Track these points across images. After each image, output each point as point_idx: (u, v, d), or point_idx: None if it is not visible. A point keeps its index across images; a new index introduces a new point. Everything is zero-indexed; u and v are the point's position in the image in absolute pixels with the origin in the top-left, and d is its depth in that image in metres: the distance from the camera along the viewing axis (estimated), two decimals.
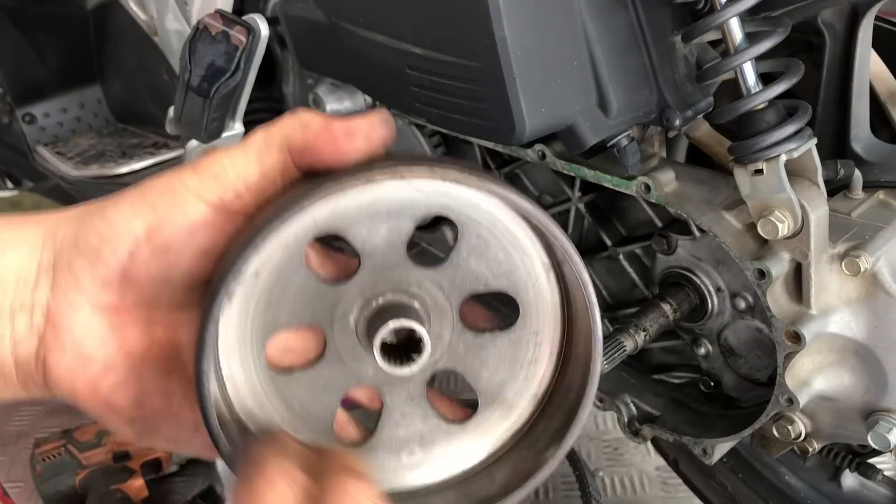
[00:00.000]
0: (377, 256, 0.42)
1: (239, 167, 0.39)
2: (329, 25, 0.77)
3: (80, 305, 0.39)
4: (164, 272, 0.40)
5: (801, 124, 0.60)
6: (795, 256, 0.63)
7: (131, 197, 0.40)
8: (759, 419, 0.69)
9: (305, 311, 0.43)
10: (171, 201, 0.39)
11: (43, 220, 0.42)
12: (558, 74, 0.62)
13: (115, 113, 1.57)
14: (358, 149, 0.40)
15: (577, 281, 0.41)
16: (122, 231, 0.39)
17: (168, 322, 0.42)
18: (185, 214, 0.39)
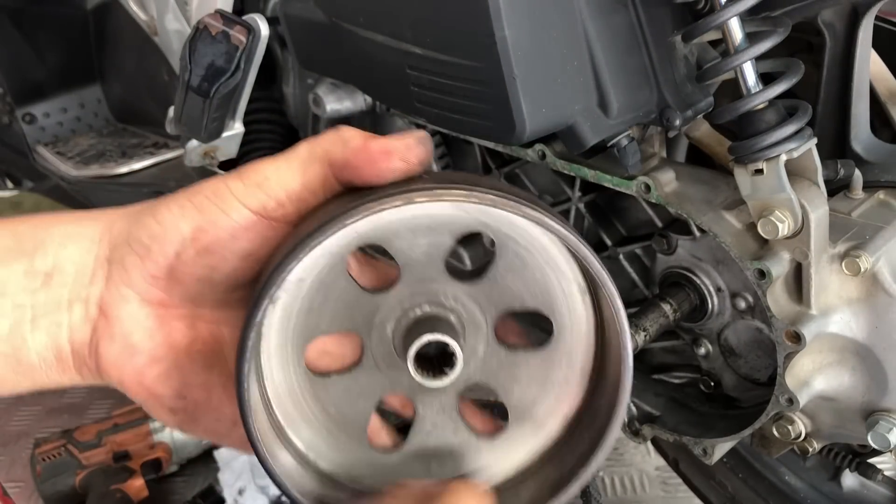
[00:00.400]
0: (416, 269, 0.43)
1: (282, 177, 0.41)
2: (329, 25, 0.77)
3: (130, 298, 0.42)
4: (207, 272, 0.42)
5: (802, 124, 0.60)
6: (795, 256, 0.63)
7: (181, 199, 0.42)
8: (760, 419, 0.69)
9: (345, 319, 0.44)
10: (217, 205, 0.41)
11: (102, 215, 0.44)
12: (558, 74, 0.62)
13: (115, 113, 1.57)
14: (395, 168, 0.41)
15: (610, 306, 0.42)
16: (170, 230, 0.41)
17: (212, 319, 0.44)
18: (229, 219, 0.41)
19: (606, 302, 0.42)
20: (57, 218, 0.44)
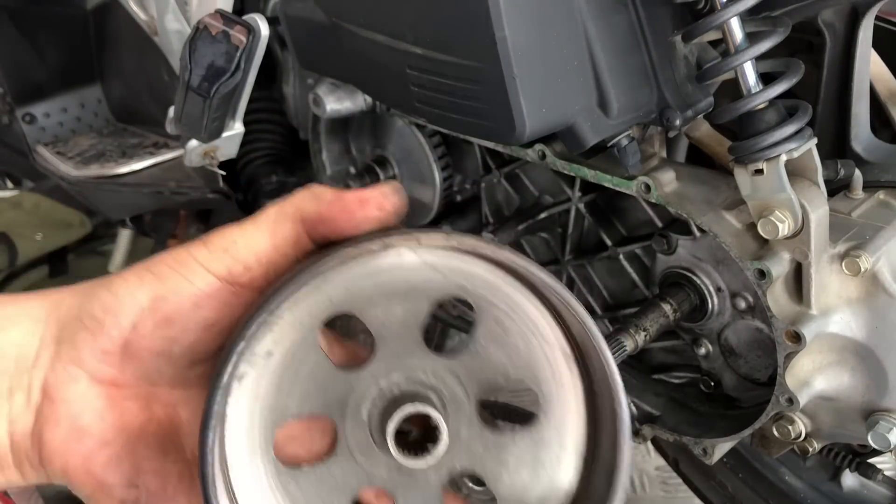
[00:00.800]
0: (392, 341, 0.40)
1: (250, 239, 0.39)
2: (329, 25, 0.77)
3: (78, 378, 0.39)
4: (167, 345, 0.39)
5: (802, 124, 0.60)
6: (796, 256, 0.63)
7: (140, 269, 0.39)
8: (760, 419, 0.69)
9: (317, 400, 0.41)
10: (177, 272, 0.38)
11: (48, 295, 0.41)
12: (558, 74, 0.62)
13: (115, 113, 1.57)
14: (372, 217, 0.40)
15: (602, 370, 0.38)
16: (126, 301, 0.38)
17: (168, 399, 0.41)
18: (192, 285, 0.38)
19: (597, 366, 0.39)
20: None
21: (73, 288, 0.41)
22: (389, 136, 0.99)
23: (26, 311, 0.40)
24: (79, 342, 0.38)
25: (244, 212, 1.17)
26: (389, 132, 0.99)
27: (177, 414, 0.41)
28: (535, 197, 0.88)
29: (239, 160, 1.10)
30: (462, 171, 0.97)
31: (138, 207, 1.47)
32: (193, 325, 0.38)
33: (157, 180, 1.26)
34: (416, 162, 0.95)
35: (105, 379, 0.39)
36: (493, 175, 0.87)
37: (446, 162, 0.94)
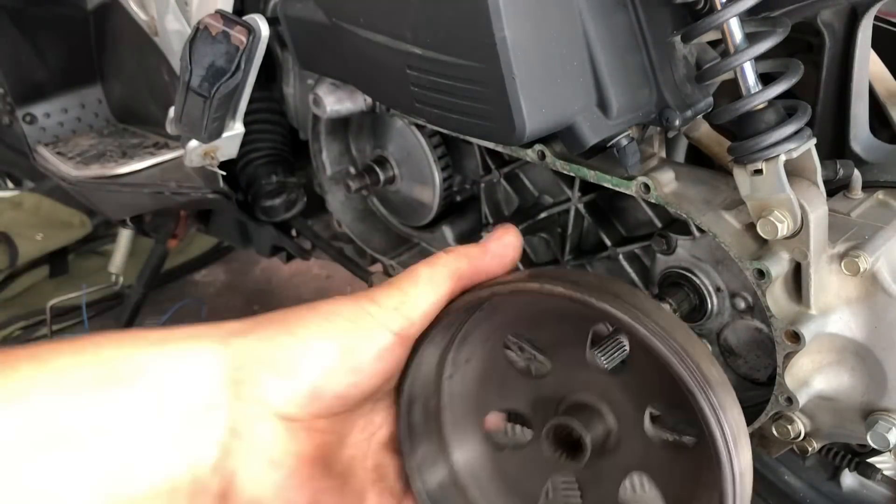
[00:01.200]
0: (564, 357, 0.47)
1: (417, 299, 0.44)
2: (329, 26, 0.77)
3: (265, 416, 0.41)
4: (349, 390, 0.43)
5: (801, 124, 0.60)
6: (795, 256, 0.63)
7: (318, 318, 0.43)
8: (759, 419, 0.69)
9: (512, 398, 0.49)
10: (360, 329, 0.43)
11: (210, 332, 0.43)
12: (558, 75, 0.62)
13: (115, 113, 1.57)
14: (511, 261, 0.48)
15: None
16: (318, 351, 0.42)
17: (326, 426, 0.45)
18: (374, 342, 0.43)
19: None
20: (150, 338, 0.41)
21: (237, 326, 0.43)
22: (389, 136, 0.99)
23: (195, 351, 0.42)
24: (266, 384, 0.41)
25: (244, 212, 1.17)
26: (389, 132, 0.99)
27: (332, 435, 0.46)
28: (535, 197, 0.88)
29: (239, 160, 1.10)
30: (462, 171, 0.97)
31: (138, 207, 1.47)
32: (374, 373, 0.43)
33: (158, 180, 1.27)
34: (416, 162, 0.96)
35: (288, 416, 0.42)
36: (493, 175, 0.87)
37: (446, 162, 0.94)
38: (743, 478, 0.39)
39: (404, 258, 1.05)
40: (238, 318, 0.44)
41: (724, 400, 0.40)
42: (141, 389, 0.39)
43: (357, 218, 1.09)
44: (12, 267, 2.01)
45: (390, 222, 1.08)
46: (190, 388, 0.40)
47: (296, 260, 1.37)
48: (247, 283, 2.28)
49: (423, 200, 0.99)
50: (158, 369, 0.40)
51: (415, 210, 1.02)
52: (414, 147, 0.95)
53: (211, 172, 1.07)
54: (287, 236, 1.23)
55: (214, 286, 2.28)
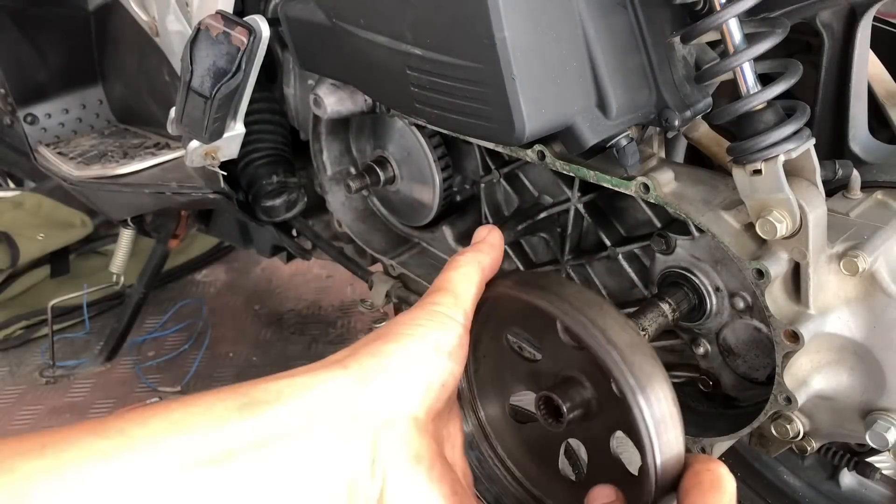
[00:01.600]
0: (549, 342, 0.54)
1: (465, 296, 0.51)
2: (330, 26, 0.77)
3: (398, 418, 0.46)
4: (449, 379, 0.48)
5: (800, 125, 0.60)
6: (794, 256, 0.63)
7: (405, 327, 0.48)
8: (758, 418, 0.69)
9: (523, 381, 0.57)
10: (440, 326, 0.49)
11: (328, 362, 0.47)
12: (558, 75, 0.62)
13: (116, 113, 1.57)
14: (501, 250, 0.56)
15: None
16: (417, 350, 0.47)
17: (439, 433, 0.50)
18: (453, 333, 0.49)
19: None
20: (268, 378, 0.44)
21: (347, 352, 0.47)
22: (390, 136, 0.99)
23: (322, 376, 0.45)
24: (390, 388, 0.45)
25: (245, 212, 1.17)
26: (390, 133, 0.99)
27: (438, 437, 0.50)
28: (535, 197, 0.88)
29: (240, 161, 1.10)
30: (462, 171, 0.97)
31: (139, 208, 1.47)
32: (460, 360, 0.49)
33: (159, 181, 1.27)
34: (416, 162, 0.96)
35: (413, 414, 0.46)
36: (493, 175, 0.88)
37: (446, 162, 0.94)
38: (658, 425, 0.45)
39: (404, 258, 1.05)
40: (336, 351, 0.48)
41: (630, 357, 0.47)
42: (289, 408, 0.42)
43: (357, 218, 1.09)
44: (13, 267, 2.02)
45: (390, 222, 1.09)
46: (330, 401, 0.43)
47: (296, 260, 1.37)
48: (247, 282, 2.29)
49: (423, 200, 0.99)
50: (295, 391, 0.43)
51: (415, 210, 1.02)
52: (414, 147, 0.95)
53: (212, 172, 1.07)
54: (288, 236, 1.23)
55: (215, 286, 2.28)
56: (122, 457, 0.37)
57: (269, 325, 2.04)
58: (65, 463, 0.35)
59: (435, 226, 1.01)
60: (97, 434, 0.37)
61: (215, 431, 0.39)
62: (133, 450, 0.37)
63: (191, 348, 1.95)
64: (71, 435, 0.37)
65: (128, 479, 0.36)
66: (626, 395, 0.46)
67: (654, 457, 0.45)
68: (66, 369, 1.78)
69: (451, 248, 0.99)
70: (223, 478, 0.39)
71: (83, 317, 2.02)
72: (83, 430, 0.37)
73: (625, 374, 0.46)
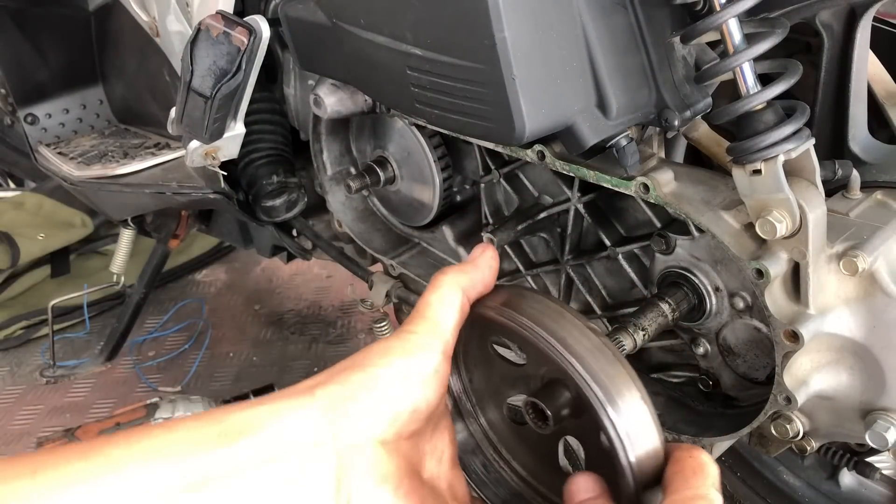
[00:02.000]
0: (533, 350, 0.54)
1: (444, 321, 0.51)
2: (330, 27, 0.77)
3: (363, 443, 0.47)
4: (420, 405, 0.49)
5: (800, 125, 0.60)
6: (794, 256, 0.63)
7: (377, 356, 0.49)
8: (758, 418, 0.69)
9: (514, 386, 0.58)
10: (412, 355, 0.49)
11: (298, 389, 0.48)
12: (558, 75, 0.62)
13: (116, 113, 1.57)
14: (495, 269, 0.56)
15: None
16: (387, 379, 0.48)
17: (416, 450, 0.51)
18: (428, 362, 0.50)
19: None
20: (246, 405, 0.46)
21: (318, 379, 0.48)
22: (390, 136, 0.99)
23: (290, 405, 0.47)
24: (356, 415, 0.47)
25: (245, 212, 1.17)
26: (390, 133, 0.99)
27: (414, 455, 0.52)
28: (535, 197, 0.88)
29: (240, 161, 1.10)
30: (462, 171, 0.97)
31: (140, 208, 1.47)
32: (436, 386, 0.50)
33: (159, 181, 1.27)
34: (417, 162, 0.96)
35: (380, 438, 0.48)
36: (493, 175, 0.88)
37: (446, 162, 0.94)
38: (629, 431, 0.46)
39: (404, 258, 1.05)
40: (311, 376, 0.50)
41: (592, 364, 0.48)
42: (258, 438, 0.44)
43: (357, 218, 1.09)
44: (14, 267, 2.02)
45: (391, 222, 1.09)
46: (295, 431, 0.45)
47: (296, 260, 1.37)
48: (248, 282, 2.29)
49: (423, 200, 0.99)
50: (264, 421, 0.45)
51: (415, 210, 1.02)
52: (414, 147, 0.95)
53: (212, 173, 1.07)
54: (288, 236, 1.24)
55: (215, 286, 2.28)
56: (104, 480, 0.40)
57: (269, 325, 2.04)
58: (52, 486, 0.39)
59: (435, 226, 1.01)
60: (83, 457, 0.41)
61: (193, 459, 0.42)
62: (116, 473, 0.40)
63: (191, 348, 1.95)
64: (60, 458, 0.40)
65: (109, 501, 0.39)
66: (592, 406, 0.47)
67: (628, 458, 0.46)
68: (66, 369, 1.78)
69: (451, 248, 0.99)
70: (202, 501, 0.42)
71: (83, 317, 2.02)
72: (72, 452, 0.41)
73: (588, 384, 0.48)
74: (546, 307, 0.52)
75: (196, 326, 2.05)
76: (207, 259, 2.37)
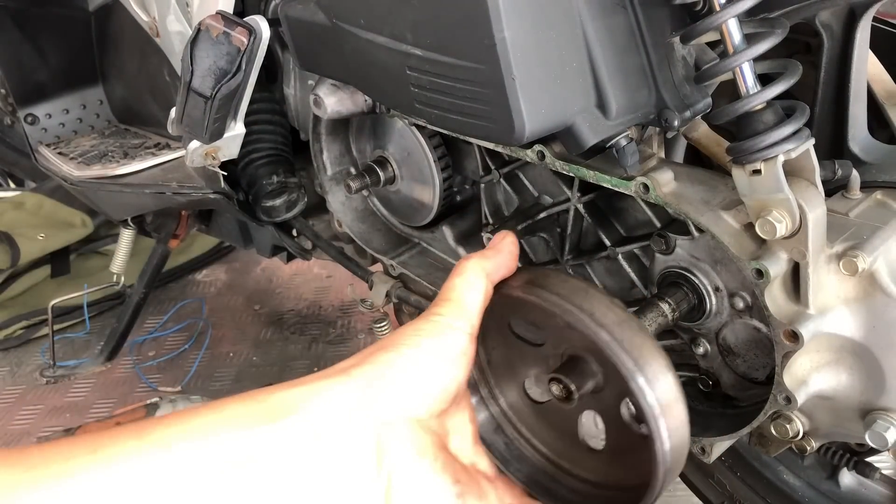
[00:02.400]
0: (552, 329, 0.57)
1: (469, 304, 0.54)
2: (330, 27, 0.77)
3: (398, 420, 0.50)
4: (449, 383, 0.52)
5: (799, 125, 0.60)
6: (793, 256, 0.63)
7: (407, 338, 0.51)
8: (758, 418, 0.69)
9: (534, 364, 0.60)
10: (441, 336, 0.52)
11: (334, 370, 0.50)
12: (558, 75, 0.62)
13: (116, 114, 1.57)
14: (516, 255, 0.58)
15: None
16: (417, 359, 0.51)
17: (443, 428, 0.54)
18: (456, 343, 0.52)
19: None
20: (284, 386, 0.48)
21: (351, 361, 0.50)
22: (390, 136, 0.99)
23: (327, 385, 0.49)
24: (389, 395, 0.49)
25: (245, 212, 1.17)
26: (390, 133, 0.99)
27: (442, 432, 0.54)
28: (535, 197, 0.88)
29: (240, 161, 1.10)
30: (462, 171, 0.97)
31: (140, 208, 1.48)
32: (463, 366, 0.53)
33: (159, 181, 1.27)
34: (417, 162, 0.96)
35: (414, 416, 0.50)
36: (493, 175, 0.88)
37: (446, 162, 0.94)
38: (654, 386, 0.49)
39: (404, 258, 1.05)
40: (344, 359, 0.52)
41: (622, 333, 0.50)
42: (300, 416, 0.46)
43: (357, 218, 1.09)
44: (14, 267, 2.02)
45: (390, 222, 1.09)
46: (335, 409, 0.47)
47: (296, 260, 1.37)
48: (248, 282, 2.29)
49: (423, 200, 0.99)
50: (306, 401, 0.47)
51: (415, 210, 1.02)
52: (414, 147, 0.95)
53: (212, 173, 1.07)
54: (288, 236, 1.24)
55: (215, 286, 2.28)
56: (156, 456, 0.43)
57: (269, 325, 2.05)
58: (110, 460, 0.42)
59: (435, 226, 1.01)
60: (136, 436, 0.44)
61: (239, 437, 0.45)
62: (166, 449, 0.43)
63: (191, 348, 1.95)
64: (117, 436, 0.43)
65: (159, 473, 0.42)
66: (622, 375, 0.49)
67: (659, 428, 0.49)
68: (66, 369, 1.78)
69: (451, 248, 0.99)
70: (244, 481, 0.44)
71: (83, 317, 2.02)
72: (126, 431, 0.44)
73: (618, 354, 0.50)
74: (572, 284, 0.54)
75: (196, 326, 2.05)
76: (207, 259, 2.37)
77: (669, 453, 0.49)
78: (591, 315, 0.51)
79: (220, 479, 0.43)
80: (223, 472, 0.43)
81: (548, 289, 0.53)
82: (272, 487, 0.45)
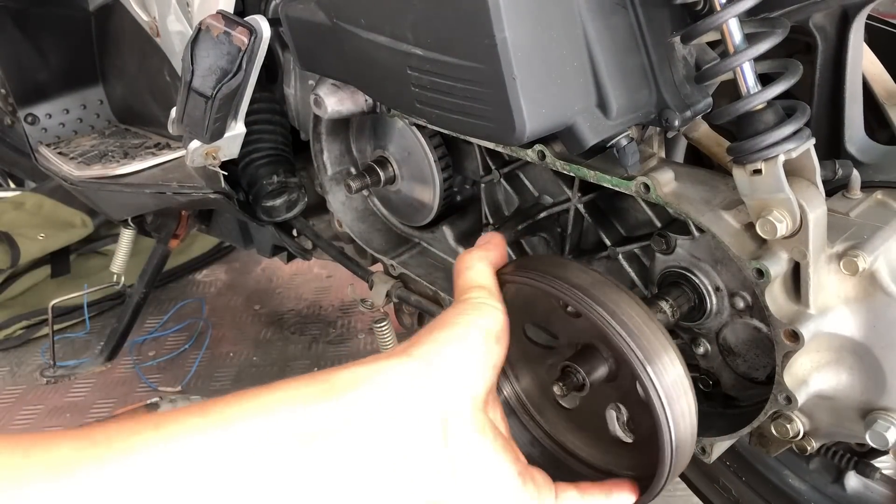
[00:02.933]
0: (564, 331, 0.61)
1: (495, 289, 0.56)
2: (330, 27, 0.77)
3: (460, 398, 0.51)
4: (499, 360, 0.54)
5: (800, 124, 0.60)
6: (794, 256, 0.63)
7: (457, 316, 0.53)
8: (758, 417, 0.69)
9: (540, 364, 0.65)
10: (487, 315, 0.54)
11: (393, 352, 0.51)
12: (558, 75, 0.62)
13: (117, 114, 1.57)
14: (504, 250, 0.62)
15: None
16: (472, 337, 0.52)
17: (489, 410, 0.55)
18: (500, 320, 0.54)
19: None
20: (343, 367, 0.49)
21: (407, 344, 0.51)
22: (390, 136, 0.99)
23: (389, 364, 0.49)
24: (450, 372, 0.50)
25: (245, 212, 1.17)
26: (390, 133, 0.99)
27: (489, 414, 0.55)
28: (535, 197, 0.88)
29: (240, 161, 1.10)
30: (462, 171, 0.97)
31: (140, 208, 1.48)
32: (507, 343, 0.55)
33: (159, 181, 1.27)
34: (417, 162, 0.96)
35: (474, 393, 0.51)
36: (493, 175, 0.88)
37: (446, 162, 0.94)
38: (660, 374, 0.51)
39: (405, 258, 1.05)
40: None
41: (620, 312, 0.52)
42: (362, 392, 0.47)
43: (358, 218, 1.09)
44: (14, 267, 2.02)
45: (391, 222, 1.09)
46: (399, 385, 0.48)
47: (296, 260, 1.37)
48: (248, 282, 2.29)
49: (423, 200, 0.99)
50: (369, 378, 0.48)
51: (415, 210, 1.02)
52: (414, 147, 0.95)
53: (212, 172, 1.07)
54: (288, 236, 1.24)
55: (216, 286, 2.28)
56: (219, 432, 0.43)
57: (269, 325, 2.05)
58: (174, 435, 0.42)
59: (435, 226, 1.01)
60: (201, 413, 0.44)
61: (302, 414, 0.45)
62: (230, 426, 0.43)
63: (191, 348, 1.95)
64: (181, 414, 0.44)
65: (223, 449, 0.43)
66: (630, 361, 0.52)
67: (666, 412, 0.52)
68: (66, 369, 1.78)
69: (452, 248, 0.99)
70: (308, 456, 0.44)
71: (84, 317, 2.02)
72: (191, 410, 0.45)
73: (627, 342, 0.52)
74: (580, 270, 0.56)
75: (196, 326, 2.05)
76: (207, 259, 2.37)
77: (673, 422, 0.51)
78: (604, 305, 0.53)
79: (287, 454, 0.43)
80: (289, 447, 0.43)
81: (558, 275, 0.56)
82: (334, 465, 0.44)
